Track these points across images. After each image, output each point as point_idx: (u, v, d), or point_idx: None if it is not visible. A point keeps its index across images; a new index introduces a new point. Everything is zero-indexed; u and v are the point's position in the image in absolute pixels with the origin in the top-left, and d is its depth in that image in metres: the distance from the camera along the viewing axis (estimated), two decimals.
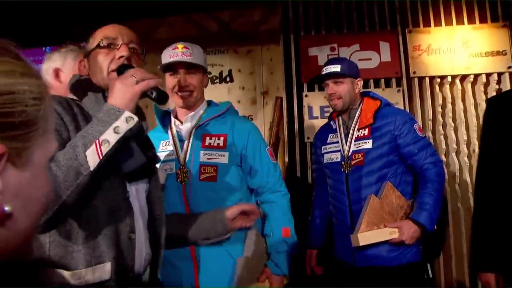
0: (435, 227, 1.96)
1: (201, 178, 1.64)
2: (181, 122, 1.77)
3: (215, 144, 1.69)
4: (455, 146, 2.99)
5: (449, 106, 3.06)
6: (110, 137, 1.01)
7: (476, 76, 3.06)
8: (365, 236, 1.89)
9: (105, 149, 1.00)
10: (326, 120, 3.08)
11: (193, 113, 1.75)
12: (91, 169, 0.98)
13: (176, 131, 1.76)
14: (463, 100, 3.08)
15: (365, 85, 3.10)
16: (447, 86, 3.09)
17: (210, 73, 3.43)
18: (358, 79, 2.14)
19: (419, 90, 3.09)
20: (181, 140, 1.73)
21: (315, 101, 3.15)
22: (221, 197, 1.64)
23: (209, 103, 1.83)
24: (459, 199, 2.94)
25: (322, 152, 2.20)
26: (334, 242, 2.17)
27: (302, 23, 3.24)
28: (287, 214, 1.76)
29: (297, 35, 3.23)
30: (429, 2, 3.14)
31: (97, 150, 0.99)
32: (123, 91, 1.06)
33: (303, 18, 3.24)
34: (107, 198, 1.09)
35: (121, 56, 1.19)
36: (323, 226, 2.25)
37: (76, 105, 1.18)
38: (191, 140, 1.71)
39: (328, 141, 2.19)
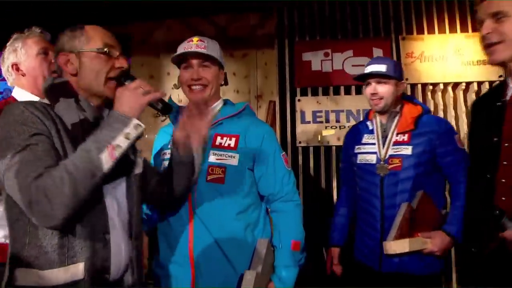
0: None
1: (208, 179, 1.53)
2: None
3: (226, 145, 1.56)
4: None
5: (441, 113, 3.01)
6: (122, 143, 1.09)
7: (468, 84, 3.01)
8: (398, 245, 1.81)
9: (118, 153, 1.09)
10: (318, 125, 3.08)
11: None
12: (105, 171, 1.07)
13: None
14: (455, 107, 3.04)
15: (358, 90, 3.07)
16: (439, 94, 3.04)
17: None
18: (402, 81, 2.03)
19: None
20: None
21: (307, 105, 3.10)
22: (227, 201, 1.53)
23: (225, 102, 1.71)
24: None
25: (355, 151, 2.09)
26: (356, 244, 2.08)
27: (297, 28, 3.20)
28: (299, 226, 1.62)
29: (292, 40, 3.19)
30: (423, 10, 3.09)
31: (110, 154, 1.07)
32: (133, 100, 1.14)
33: (298, 23, 3.21)
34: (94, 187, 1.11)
35: (120, 67, 1.24)
36: (347, 225, 2.16)
37: (51, 109, 1.16)
38: None
39: (363, 141, 2.08)
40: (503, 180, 1.29)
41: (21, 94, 1.69)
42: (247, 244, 1.55)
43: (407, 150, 1.93)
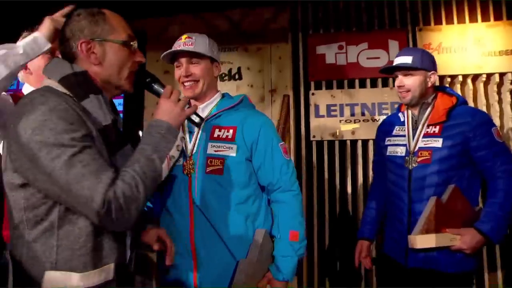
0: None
1: (207, 171, 1.52)
2: None
3: (224, 136, 1.55)
4: None
5: None
6: (175, 154, 1.16)
7: (489, 75, 2.87)
8: (424, 239, 1.73)
9: (171, 163, 1.15)
10: (332, 119, 3.00)
11: (204, 104, 1.62)
12: (162, 179, 1.13)
13: (187, 122, 1.59)
14: (475, 100, 2.90)
15: (373, 83, 2.97)
16: (458, 86, 2.91)
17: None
18: (432, 72, 1.91)
19: None
20: (191, 132, 1.60)
21: (321, 99, 3.03)
22: (227, 192, 1.53)
23: (223, 95, 1.69)
24: None
25: (386, 144, 2.02)
26: (384, 238, 2.02)
27: (311, 21, 3.12)
28: (298, 216, 1.59)
29: (306, 33, 3.12)
30: (441, 0, 2.96)
31: (168, 164, 1.13)
32: (177, 113, 1.20)
33: (311, 17, 3.13)
34: None
35: (140, 61, 1.23)
36: (379, 219, 2.09)
37: (77, 105, 1.09)
38: (200, 132, 1.58)
39: (393, 133, 2.01)
40: None
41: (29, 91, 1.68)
42: (248, 235, 1.53)
43: (437, 143, 1.83)
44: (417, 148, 1.87)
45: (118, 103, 3.52)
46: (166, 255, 1.37)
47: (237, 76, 3.33)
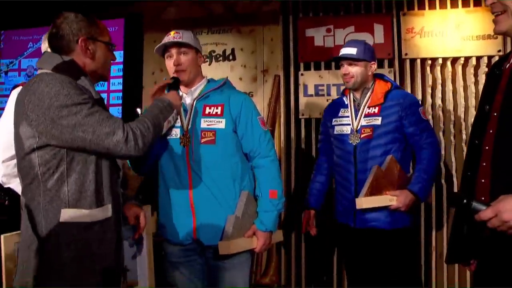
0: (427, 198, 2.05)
1: (202, 141, 1.75)
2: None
3: (214, 113, 1.78)
4: (442, 126, 2.89)
5: (439, 88, 2.94)
6: (172, 120, 1.56)
7: (467, 58, 2.91)
8: (368, 201, 1.97)
9: (169, 125, 1.55)
10: (320, 98, 3.05)
11: (194, 87, 1.84)
12: (162, 133, 1.53)
13: (182, 102, 1.82)
14: (453, 82, 2.95)
15: None
16: (438, 68, 2.96)
17: (214, 51, 3.37)
18: (372, 62, 2.16)
19: (411, 71, 2.97)
20: (185, 110, 1.81)
21: (310, 79, 3.07)
22: (220, 158, 1.75)
23: (209, 80, 1.91)
24: (443, 176, 2.87)
25: (333, 124, 2.23)
26: (335, 207, 2.24)
27: (301, 4, 3.12)
28: (276, 178, 1.82)
29: (296, 16, 3.13)
30: None
31: (167, 123, 1.52)
32: (177, 99, 1.64)
33: (301, 0, 3.12)
34: (110, 158, 1.38)
35: (114, 59, 1.54)
36: (323, 190, 2.31)
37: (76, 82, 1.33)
38: (193, 110, 1.79)
39: (339, 115, 2.23)
40: (487, 147, 1.27)
41: None
42: (236, 194, 1.77)
43: (377, 121, 2.10)
44: (359, 126, 2.12)
45: (118, 82, 3.52)
46: (137, 229, 1.62)
47: (231, 57, 3.35)
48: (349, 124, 2.16)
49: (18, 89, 1.80)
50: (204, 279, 1.85)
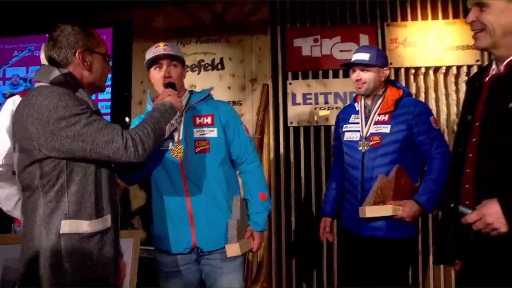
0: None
1: (196, 151, 1.79)
2: None
3: (205, 122, 1.84)
4: None
5: (422, 95, 3.06)
6: (174, 122, 1.55)
7: (448, 68, 3.06)
8: (372, 210, 1.95)
9: (171, 128, 1.53)
10: (308, 106, 3.13)
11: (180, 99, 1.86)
12: (165, 137, 1.51)
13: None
14: (436, 90, 3.09)
15: (345, 74, 3.11)
16: (421, 77, 3.09)
17: (203, 60, 3.42)
18: (385, 68, 2.12)
19: (395, 80, 3.09)
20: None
21: (298, 88, 3.15)
22: (215, 166, 1.80)
23: (191, 92, 1.96)
24: None
25: (343, 130, 2.20)
26: (342, 213, 2.23)
27: (289, 15, 3.21)
28: (263, 181, 1.93)
29: (284, 26, 3.21)
30: None
31: (169, 128, 1.50)
32: (178, 101, 1.63)
33: (289, 11, 3.21)
34: (109, 169, 1.41)
35: (110, 70, 1.56)
36: (339, 198, 2.27)
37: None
38: (182, 122, 1.82)
39: (350, 121, 2.19)
40: (470, 155, 1.35)
41: None
42: (229, 199, 1.84)
43: (386, 129, 2.04)
44: (369, 133, 2.08)
45: (106, 91, 3.53)
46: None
47: (219, 66, 3.41)
48: (358, 131, 2.12)
49: (14, 98, 1.81)
50: (199, 286, 1.88)
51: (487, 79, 1.38)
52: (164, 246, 1.82)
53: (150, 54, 1.84)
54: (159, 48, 1.81)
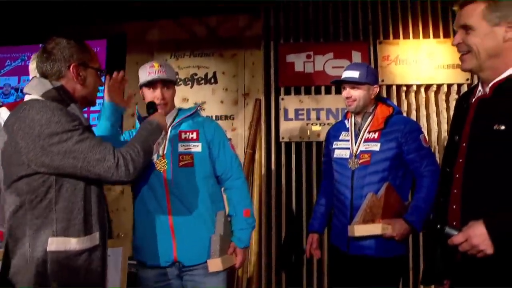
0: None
1: (180, 165, 1.83)
2: None
3: (190, 137, 1.88)
4: None
5: (414, 113, 3.09)
6: (161, 141, 1.54)
7: (439, 86, 3.10)
8: (361, 228, 1.93)
9: (158, 147, 1.51)
10: (300, 122, 3.15)
11: (168, 115, 1.91)
12: (153, 155, 1.52)
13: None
14: (427, 107, 3.12)
15: (337, 90, 3.13)
16: (413, 94, 3.12)
17: (196, 74, 3.44)
18: (375, 86, 2.12)
19: (387, 97, 3.11)
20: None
21: (290, 104, 3.16)
22: (198, 180, 1.83)
23: (179, 109, 2.00)
24: None
25: (333, 147, 2.20)
26: (332, 229, 2.21)
27: (282, 31, 3.25)
28: (248, 197, 1.95)
29: (277, 42, 3.24)
30: (399, 16, 3.16)
31: (156, 147, 1.49)
32: (163, 120, 1.62)
33: (283, 26, 3.25)
34: (98, 186, 1.41)
35: (102, 84, 1.59)
36: (327, 214, 2.26)
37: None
38: (168, 136, 1.86)
39: (340, 138, 2.19)
40: (457, 175, 1.36)
41: None
42: (213, 214, 1.86)
43: (376, 147, 2.04)
44: (358, 151, 2.08)
45: (99, 102, 3.52)
46: None
47: (212, 80, 3.43)
48: (348, 148, 2.12)
49: (1, 110, 1.80)
50: None
51: (473, 100, 1.40)
52: (144, 258, 1.84)
53: (144, 74, 1.87)
54: (154, 69, 1.85)
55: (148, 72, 1.85)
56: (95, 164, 1.27)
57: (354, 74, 2.08)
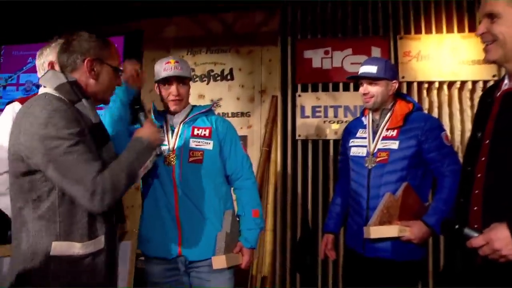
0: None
1: (189, 160, 1.84)
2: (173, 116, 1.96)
3: (202, 134, 1.89)
4: None
5: (436, 111, 2.99)
6: (149, 164, 1.43)
7: (463, 83, 2.98)
8: (377, 230, 1.85)
9: (145, 171, 1.41)
10: (317, 119, 3.09)
11: (182, 111, 1.94)
12: (137, 182, 1.41)
13: (170, 124, 1.94)
14: (450, 105, 3.01)
15: (356, 87, 3.06)
16: (435, 92, 3.01)
17: (212, 70, 3.43)
18: (394, 81, 2.03)
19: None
20: (173, 130, 1.91)
21: (307, 101, 3.12)
22: (206, 177, 1.84)
23: (193, 106, 2.02)
24: None
25: (350, 145, 2.12)
26: (347, 230, 2.14)
27: (299, 26, 3.20)
28: (257, 198, 1.95)
29: (294, 38, 3.20)
30: (421, 10, 3.06)
31: (143, 171, 1.39)
32: (157, 138, 1.50)
33: (300, 22, 3.20)
34: None
35: (119, 84, 1.53)
36: (343, 214, 2.19)
37: (73, 107, 1.31)
38: (180, 131, 1.89)
39: (357, 136, 2.11)
40: (479, 175, 1.29)
41: None
42: (221, 213, 1.86)
43: (394, 145, 1.95)
44: (376, 149, 1.99)
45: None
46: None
47: (229, 77, 3.40)
48: (365, 146, 2.03)
49: (13, 104, 1.82)
50: None
51: (498, 94, 1.33)
52: (150, 251, 1.84)
53: (160, 70, 1.87)
54: (170, 65, 1.85)
55: (164, 68, 1.86)
56: (72, 184, 1.22)
57: (372, 69, 1.99)
